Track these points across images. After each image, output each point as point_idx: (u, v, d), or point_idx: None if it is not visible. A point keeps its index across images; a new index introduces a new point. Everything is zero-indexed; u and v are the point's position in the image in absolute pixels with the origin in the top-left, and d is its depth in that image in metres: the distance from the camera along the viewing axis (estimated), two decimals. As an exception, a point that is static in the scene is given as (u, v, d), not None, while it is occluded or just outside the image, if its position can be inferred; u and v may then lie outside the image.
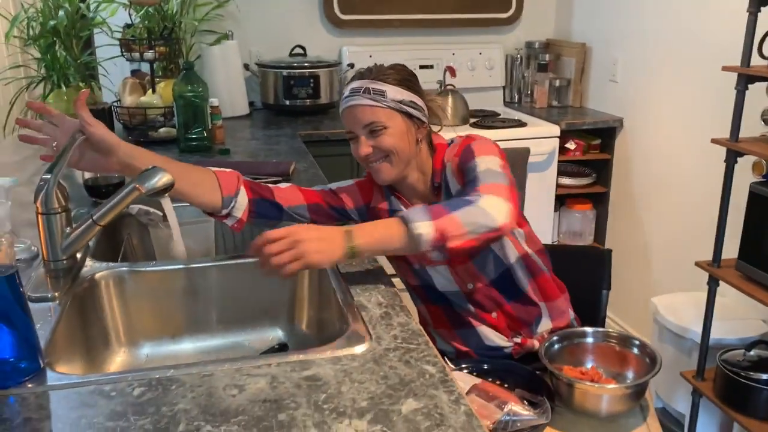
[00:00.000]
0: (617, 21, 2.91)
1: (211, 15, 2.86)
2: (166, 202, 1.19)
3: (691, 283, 2.39)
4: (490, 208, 1.19)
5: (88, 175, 1.68)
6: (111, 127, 2.56)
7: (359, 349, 0.99)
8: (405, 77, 1.35)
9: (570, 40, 3.25)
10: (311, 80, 2.84)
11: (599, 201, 3.08)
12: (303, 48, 2.99)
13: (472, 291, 1.41)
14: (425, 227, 1.14)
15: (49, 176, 1.21)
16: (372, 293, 1.18)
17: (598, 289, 1.61)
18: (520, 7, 3.28)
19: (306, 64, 2.87)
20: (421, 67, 3.14)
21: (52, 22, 2.37)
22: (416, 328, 1.06)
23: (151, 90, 2.56)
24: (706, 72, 2.37)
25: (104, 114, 2.54)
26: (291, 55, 2.98)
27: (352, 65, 3.00)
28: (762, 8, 1.75)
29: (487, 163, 1.30)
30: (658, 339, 2.34)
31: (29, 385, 0.90)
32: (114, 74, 2.74)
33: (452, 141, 1.42)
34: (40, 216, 1.20)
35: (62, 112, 2.74)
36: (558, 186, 2.97)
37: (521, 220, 1.44)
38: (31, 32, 2.43)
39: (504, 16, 3.27)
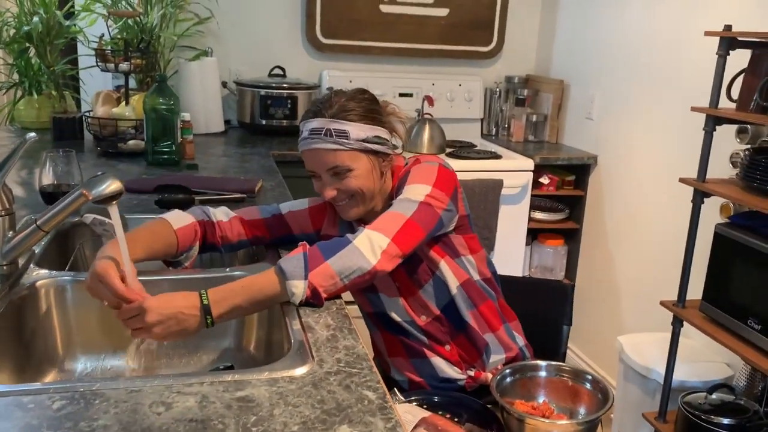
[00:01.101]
0: (595, 60, 2.94)
1: (192, 31, 2.85)
2: (113, 211, 1.15)
3: (658, 323, 2.38)
4: (364, 248, 1.16)
5: (45, 181, 1.63)
6: (81, 137, 2.53)
7: (299, 371, 0.95)
8: (367, 109, 1.33)
9: (548, 76, 3.28)
10: (289, 101, 2.83)
11: (571, 237, 3.07)
12: (282, 69, 2.98)
13: (426, 322, 1.39)
14: (298, 286, 1.12)
15: (-7, 178, 1.17)
16: (322, 315, 1.15)
17: (559, 323, 1.59)
18: (501, 42, 3.31)
19: (284, 85, 2.86)
20: (401, 95, 3.15)
21: (26, 28, 2.34)
22: (362, 352, 1.02)
23: (124, 102, 2.53)
24: (678, 112, 2.39)
25: (74, 123, 2.51)
26: (270, 75, 2.97)
27: (331, 89, 2.99)
28: (731, 52, 1.77)
29: (410, 192, 1.28)
30: (623, 378, 2.31)
31: (-57, 394, 0.85)
32: (96, 86, 2.69)
33: (407, 161, 1.41)
34: (-19, 218, 1.16)
35: (32, 119, 2.70)
36: (531, 220, 2.97)
37: (474, 245, 1.41)
38: (4, 36, 2.40)
39: (485, 49, 3.30)
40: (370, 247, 1.17)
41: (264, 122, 2.85)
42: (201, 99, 2.79)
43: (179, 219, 1.33)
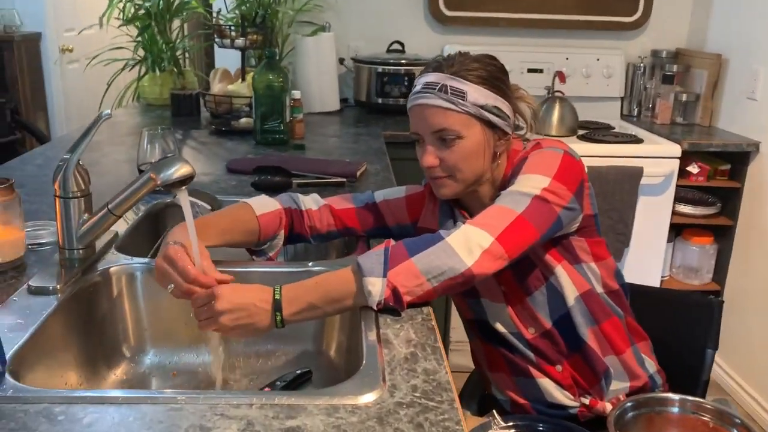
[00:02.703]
0: (761, 30, 2.51)
1: (310, 5, 2.76)
2: (183, 197, 1.06)
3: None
4: (459, 245, 0.99)
5: (143, 158, 1.59)
6: (198, 114, 2.52)
7: (365, 398, 0.80)
8: (493, 75, 1.13)
9: (703, 50, 2.86)
10: (406, 78, 2.67)
11: (723, 235, 2.68)
12: (401, 44, 2.82)
13: (534, 336, 1.18)
14: (375, 284, 0.96)
15: (69, 156, 1.11)
16: (404, 326, 0.98)
17: (701, 347, 1.31)
18: (647, 11, 2.93)
19: (402, 61, 2.70)
20: (530, 70, 2.88)
21: (147, 4, 2.35)
22: (444, 379, 0.85)
23: (240, 79, 2.49)
24: None
25: (191, 100, 2.51)
26: (388, 51, 2.82)
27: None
28: None
29: (523, 183, 1.08)
30: (779, 407, 1.96)
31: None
32: (231, 63, 2.64)
33: (525, 146, 1.19)
34: (57, 199, 1.11)
35: (156, 96, 2.74)
36: (674, 214, 2.61)
37: (600, 252, 1.18)
38: (127, 14, 2.43)
39: (628, 20, 2.94)
40: (466, 245, 0.99)
41: (380, 101, 2.71)
42: (316, 76, 2.69)
43: (263, 205, 1.22)
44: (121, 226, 1.31)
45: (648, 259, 2.62)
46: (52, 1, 4.18)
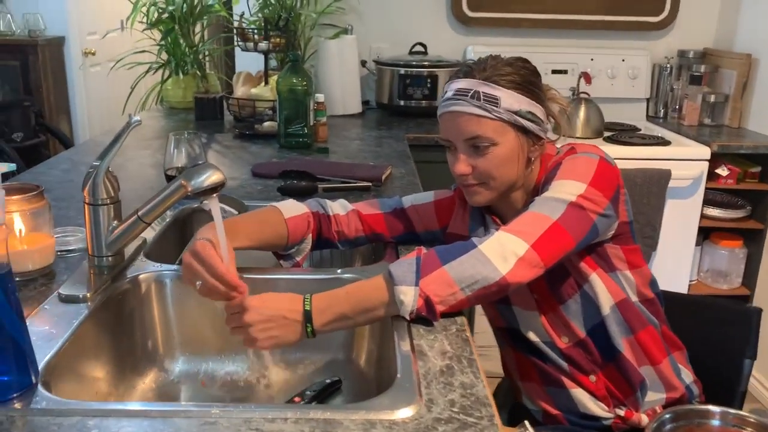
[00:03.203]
0: (795, 29, 2.46)
1: (333, 8, 2.75)
2: (214, 204, 1.04)
3: None
4: (493, 253, 0.97)
5: (170, 163, 1.59)
6: (221, 117, 2.52)
7: (402, 413, 0.78)
8: (526, 79, 1.11)
9: (732, 50, 2.81)
10: (429, 80, 2.64)
11: (752, 238, 2.62)
12: (424, 46, 2.80)
13: (567, 346, 1.15)
14: (408, 293, 0.95)
15: (98, 163, 1.10)
16: (438, 336, 0.96)
17: (739, 356, 1.28)
18: (674, 11, 2.88)
19: (425, 63, 2.67)
20: (554, 71, 2.85)
21: (170, 8, 2.36)
22: (482, 393, 0.83)
23: (263, 82, 2.49)
24: None
25: (215, 103, 2.51)
26: (411, 53, 2.80)
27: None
28: None
29: (558, 189, 1.06)
30: (814, 416, 1.91)
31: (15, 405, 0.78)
32: (252, 66, 2.64)
33: (559, 150, 1.17)
34: (87, 206, 1.11)
35: (179, 99, 2.74)
36: (703, 217, 2.56)
37: (635, 260, 1.15)
38: (151, 17, 2.43)
39: (655, 20, 2.89)
40: (501, 253, 0.97)
41: (402, 103, 2.69)
42: (339, 79, 2.68)
43: (292, 208, 1.21)
44: (148, 233, 1.30)
45: (676, 263, 2.57)
46: (75, 5, 4.22)
